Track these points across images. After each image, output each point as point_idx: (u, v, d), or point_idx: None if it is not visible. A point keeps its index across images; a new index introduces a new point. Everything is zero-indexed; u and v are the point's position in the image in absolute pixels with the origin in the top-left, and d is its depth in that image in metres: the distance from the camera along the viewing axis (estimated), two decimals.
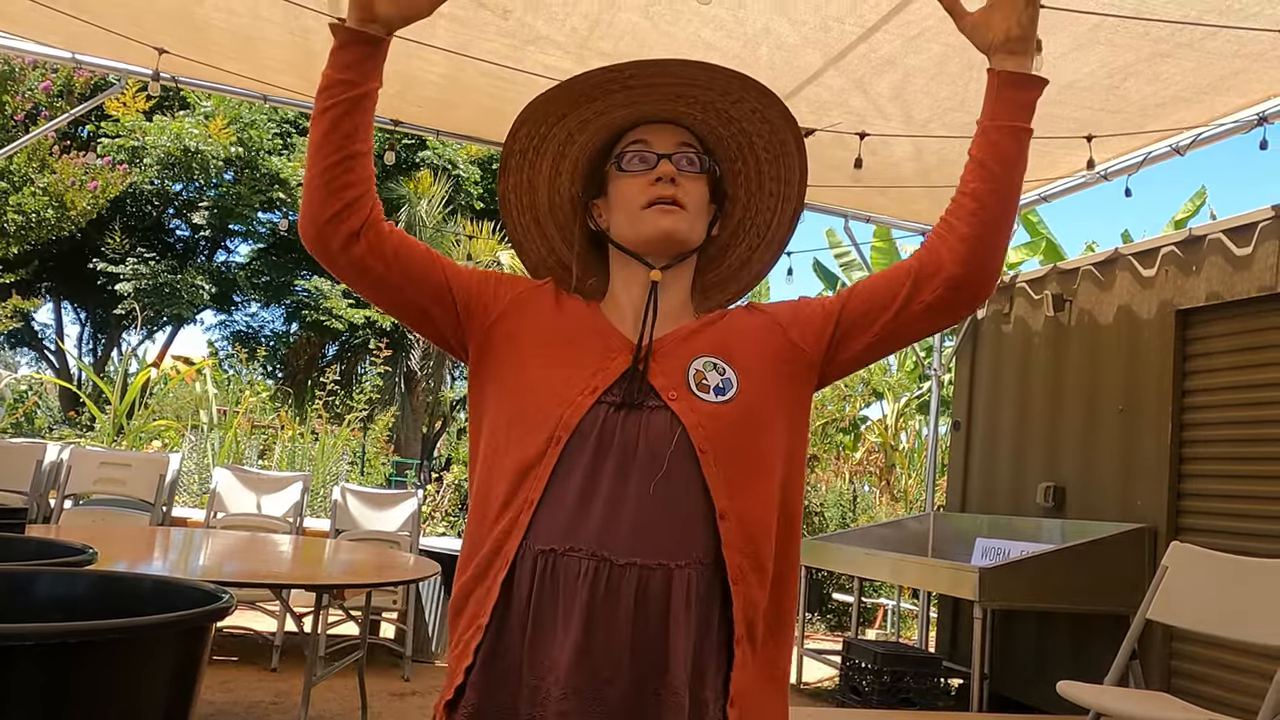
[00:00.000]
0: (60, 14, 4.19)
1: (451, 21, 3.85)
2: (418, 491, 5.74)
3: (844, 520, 8.68)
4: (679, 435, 1.17)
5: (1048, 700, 4.25)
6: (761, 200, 1.35)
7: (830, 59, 3.88)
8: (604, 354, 1.23)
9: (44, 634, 0.80)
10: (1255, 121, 4.13)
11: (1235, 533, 4.10)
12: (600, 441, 1.17)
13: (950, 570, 4.55)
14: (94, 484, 5.33)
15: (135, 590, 1.14)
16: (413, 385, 16.14)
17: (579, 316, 1.29)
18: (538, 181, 1.33)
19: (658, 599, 1.13)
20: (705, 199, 1.29)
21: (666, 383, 1.21)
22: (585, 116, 1.28)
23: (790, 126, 1.30)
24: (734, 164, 1.33)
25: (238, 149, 13.75)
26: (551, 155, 1.31)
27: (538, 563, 1.15)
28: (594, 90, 1.25)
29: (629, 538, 1.14)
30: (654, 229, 1.25)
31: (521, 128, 1.29)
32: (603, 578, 1.13)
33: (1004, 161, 1.23)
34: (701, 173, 1.28)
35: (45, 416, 12.28)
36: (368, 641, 4.01)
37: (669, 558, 1.14)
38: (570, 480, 1.17)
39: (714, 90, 1.26)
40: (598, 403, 1.19)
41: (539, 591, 1.14)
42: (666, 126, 1.29)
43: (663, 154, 1.26)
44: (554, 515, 1.16)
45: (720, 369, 1.23)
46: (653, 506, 1.15)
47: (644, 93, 1.26)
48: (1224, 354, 4.33)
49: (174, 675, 0.94)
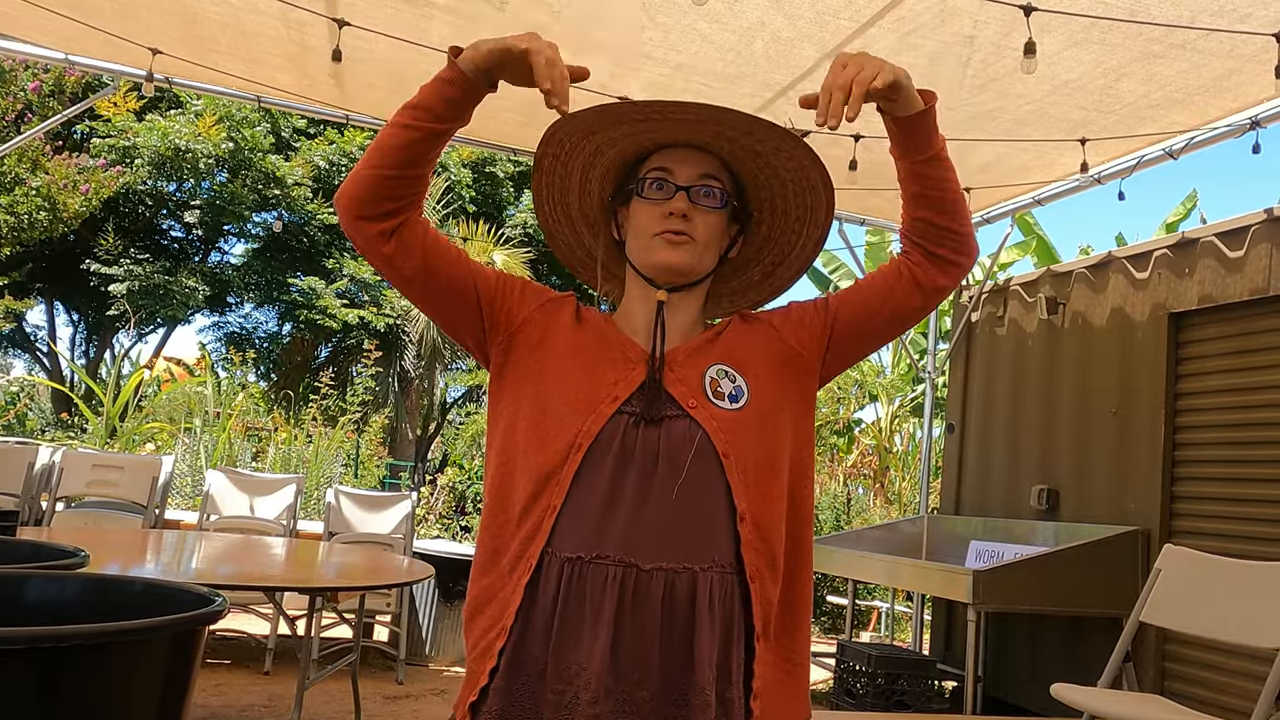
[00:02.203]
0: (53, 14, 4.18)
1: (448, 14, 3.85)
2: (411, 494, 5.73)
3: (838, 523, 8.69)
4: (700, 440, 1.21)
5: (1041, 703, 4.26)
6: (788, 225, 1.38)
7: (826, 53, 3.89)
8: (623, 364, 1.27)
9: (36, 637, 0.79)
10: (1247, 125, 4.15)
11: (1228, 535, 4.11)
12: (623, 451, 1.21)
13: (944, 573, 4.55)
14: (86, 486, 5.30)
15: (127, 593, 1.13)
16: (407, 387, 16.11)
17: (597, 328, 1.33)
18: (569, 183, 1.37)
19: (684, 601, 1.17)
20: (719, 230, 1.32)
21: (685, 391, 1.25)
22: (614, 136, 1.31)
23: (817, 167, 1.31)
24: (760, 191, 1.36)
25: (228, 145, 13.71)
26: (582, 163, 1.35)
27: (564, 569, 1.17)
28: (623, 117, 1.29)
29: (654, 543, 1.18)
30: (659, 260, 1.28)
31: (554, 134, 1.32)
32: (630, 583, 1.16)
33: (937, 185, 1.29)
34: (720, 209, 1.30)
35: (37, 418, 12.23)
36: (361, 644, 4.00)
37: (693, 561, 1.19)
38: (594, 488, 1.19)
39: (739, 129, 1.28)
40: (618, 412, 1.23)
41: (565, 597, 1.17)
42: (692, 153, 1.31)
43: (681, 185, 1.28)
44: (578, 522, 1.19)
45: (732, 377, 1.27)
46: (676, 511, 1.19)
47: (672, 124, 1.28)
48: (1217, 357, 4.34)
49: (166, 679, 0.93)
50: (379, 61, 4.38)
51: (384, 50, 4.21)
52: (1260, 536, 3.99)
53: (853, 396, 10.81)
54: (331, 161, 15.06)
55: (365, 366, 12.44)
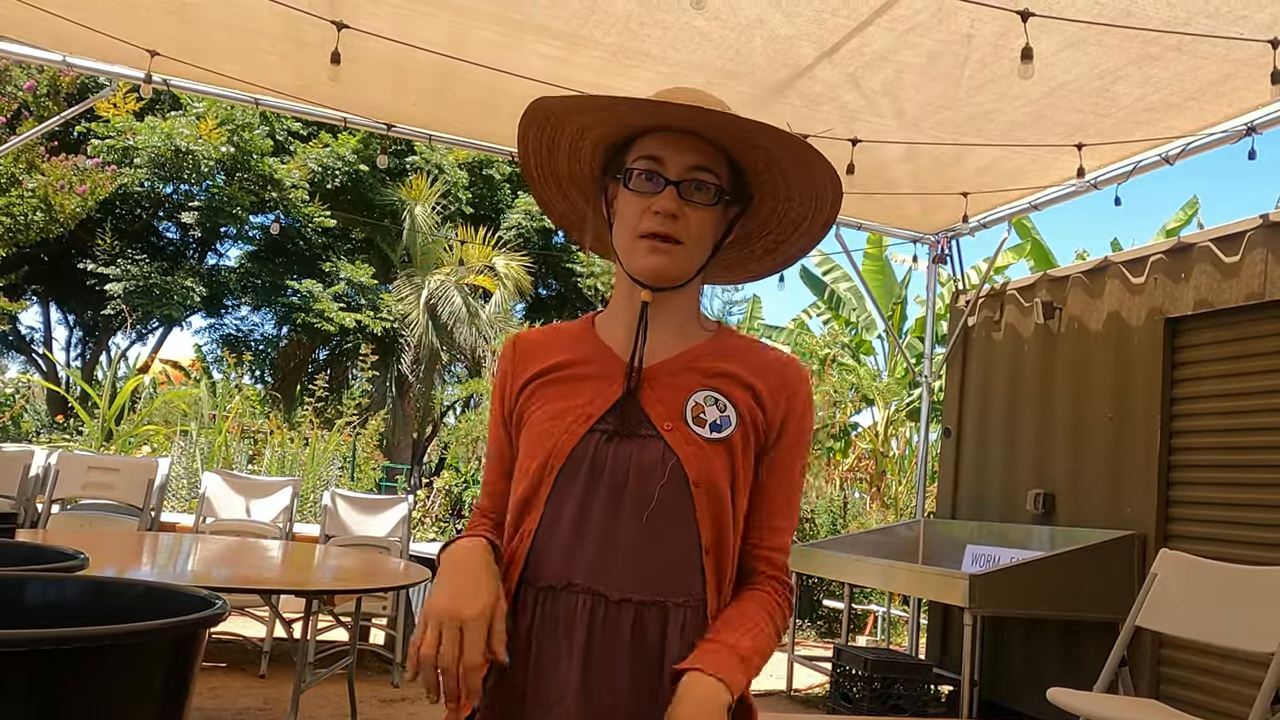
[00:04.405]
0: (50, 15, 4.17)
1: (448, 10, 3.85)
2: (408, 497, 5.72)
3: (834, 527, 8.69)
4: (671, 467, 1.16)
5: (1038, 707, 4.26)
6: (791, 208, 1.29)
7: (823, 52, 3.90)
8: (601, 381, 1.23)
9: (38, 640, 0.79)
10: (1244, 131, 4.16)
11: (1224, 540, 4.12)
12: (592, 470, 1.17)
13: (940, 577, 4.55)
14: (82, 488, 5.29)
15: (127, 596, 1.13)
16: (404, 390, 16.10)
17: (578, 343, 1.28)
18: (557, 154, 1.30)
19: (654, 635, 1.14)
20: (712, 224, 1.22)
21: (663, 412, 1.20)
22: (601, 117, 1.23)
23: (819, 161, 1.22)
24: (760, 177, 1.26)
25: (229, 149, 13.70)
26: (570, 136, 1.27)
27: (538, 598, 1.17)
28: (614, 103, 1.21)
29: (623, 573, 1.15)
30: (640, 265, 1.20)
31: (538, 109, 1.24)
32: (599, 616, 1.14)
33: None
34: (712, 205, 1.21)
35: (33, 420, 12.20)
36: (357, 648, 4.00)
37: (665, 594, 1.16)
38: (564, 510, 1.18)
39: (732, 126, 1.19)
40: (591, 430, 1.19)
41: (540, 626, 1.16)
42: (687, 140, 1.21)
43: (671, 180, 1.19)
44: (550, 547, 1.18)
45: (722, 405, 1.21)
46: (646, 540, 1.16)
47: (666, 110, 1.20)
48: (1212, 362, 4.35)
49: (167, 682, 0.93)
50: (377, 63, 4.38)
51: (382, 51, 4.21)
52: (1256, 541, 4.00)
53: (849, 400, 10.82)
54: (326, 165, 15.06)
55: (362, 370, 12.43)
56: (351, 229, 16.17)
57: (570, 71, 4.19)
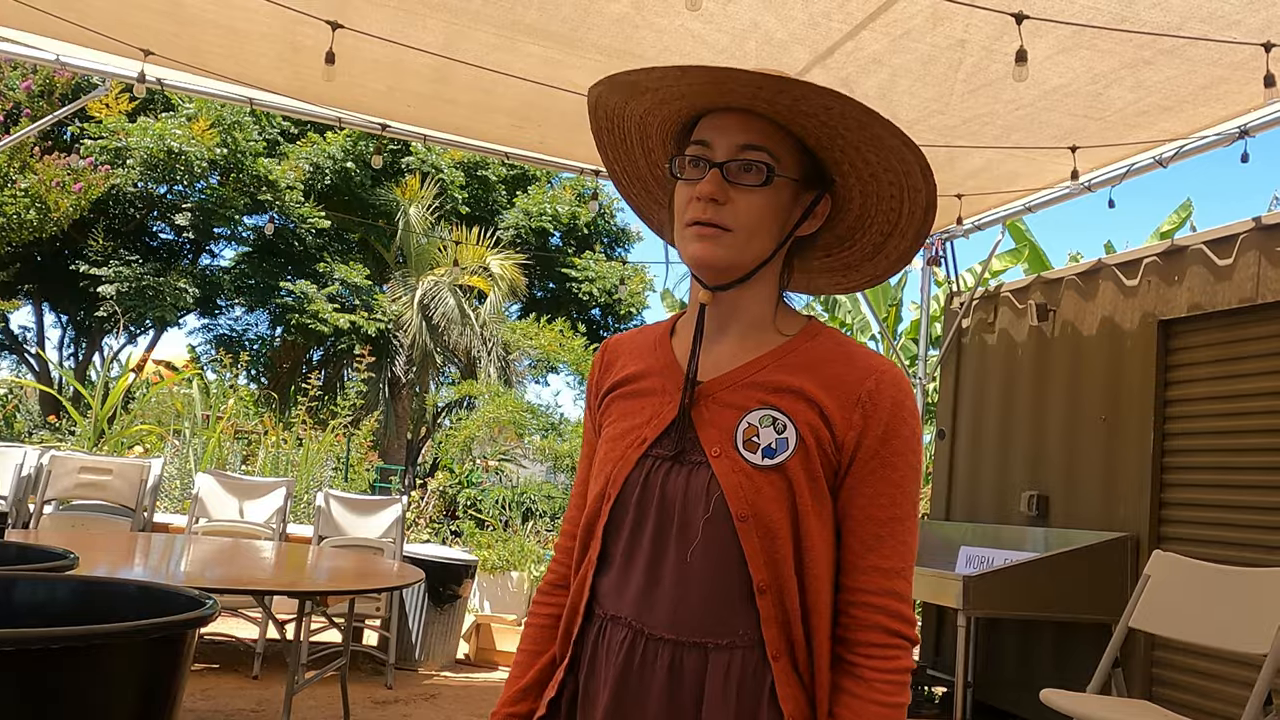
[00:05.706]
0: (44, 14, 4.16)
1: (444, 11, 3.85)
2: (402, 498, 5.72)
3: None
4: (716, 500, 1.08)
5: (1031, 708, 4.27)
6: (880, 190, 1.15)
7: (818, 55, 3.90)
8: (661, 397, 1.16)
9: (25, 639, 0.79)
10: (1237, 134, 4.17)
11: (1217, 541, 4.13)
12: (642, 500, 1.12)
13: (934, 578, 4.55)
14: (74, 489, 5.28)
15: (117, 596, 1.12)
16: (397, 391, 16.07)
17: (652, 351, 1.21)
18: (634, 154, 1.24)
19: (692, 679, 1.07)
20: (770, 209, 1.10)
21: (715, 435, 1.10)
22: (647, 105, 1.16)
23: (878, 121, 1.07)
24: (831, 154, 1.13)
25: (222, 150, 13.69)
26: (637, 131, 1.21)
27: (596, 627, 1.15)
28: (654, 82, 1.11)
29: (666, 610, 1.09)
30: (688, 255, 1.12)
31: (598, 108, 1.19)
32: (637, 651, 1.09)
33: None
34: (762, 185, 1.09)
35: (25, 421, 12.16)
36: (350, 649, 3.99)
37: (708, 636, 1.07)
38: (618, 540, 1.14)
39: (768, 89, 1.06)
40: (644, 455, 1.13)
41: (592, 654, 1.14)
42: (735, 118, 1.10)
43: (716, 162, 1.09)
44: (606, 577, 1.15)
45: (780, 426, 1.09)
46: (690, 577, 1.08)
47: (698, 89, 1.10)
48: (1205, 364, 4.36)
49: (156, 681, 0.93)
50: (372, 62, 4.37)
51: (377, 51, 4.20)
52: (1248, 543, 4.01)
53: None
54: (316, 164, 15.05)
55: (356, 371, 12.41)
56: (346, 230, 16.16)
57: (565, 73, 4.19)
